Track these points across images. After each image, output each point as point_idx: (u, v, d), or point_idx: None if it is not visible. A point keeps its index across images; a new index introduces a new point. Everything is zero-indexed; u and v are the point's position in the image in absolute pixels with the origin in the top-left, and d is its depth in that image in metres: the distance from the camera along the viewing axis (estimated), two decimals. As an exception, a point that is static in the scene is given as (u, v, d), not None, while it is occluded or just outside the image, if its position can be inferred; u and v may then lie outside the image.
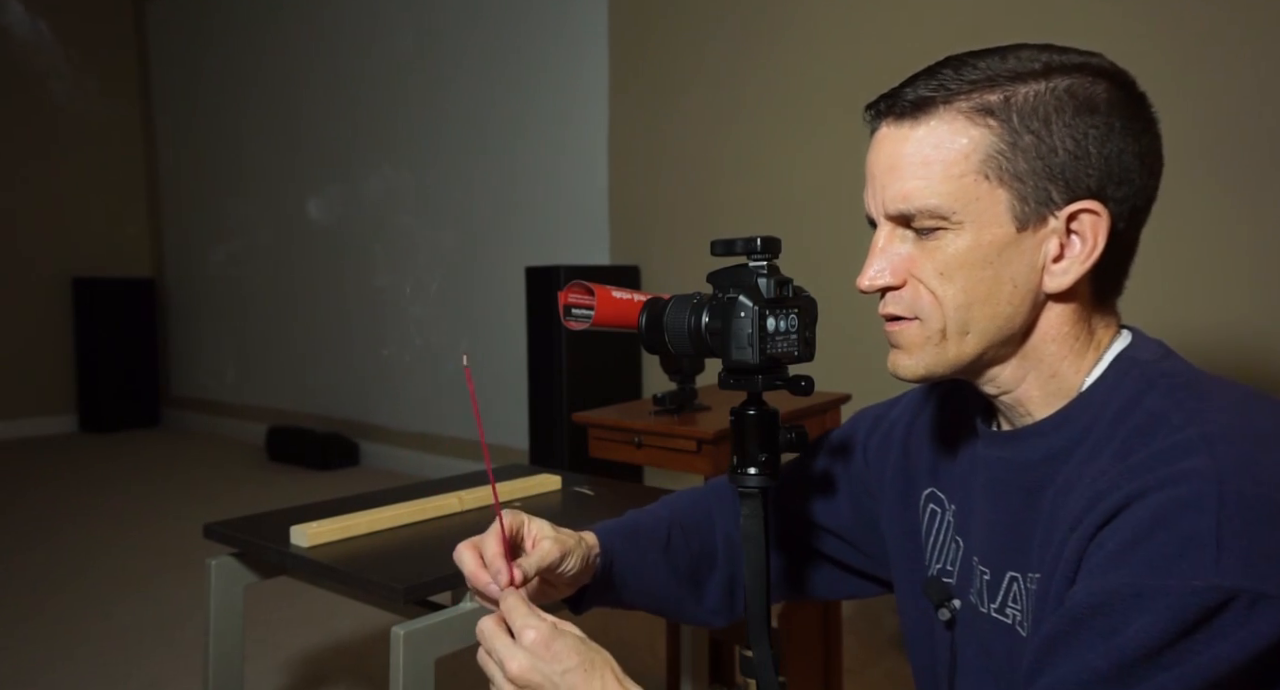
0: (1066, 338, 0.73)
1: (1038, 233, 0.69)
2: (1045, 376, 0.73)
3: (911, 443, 0.91)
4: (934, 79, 0.70)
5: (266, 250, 5.08)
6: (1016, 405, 0.75)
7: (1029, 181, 0.68)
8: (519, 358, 3.63)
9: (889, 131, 0.72)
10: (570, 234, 3.69)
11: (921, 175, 0.69)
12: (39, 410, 5.46)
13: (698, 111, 3.27)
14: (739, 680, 0.86)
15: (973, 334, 0.71)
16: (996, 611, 0.75)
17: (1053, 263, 0.69)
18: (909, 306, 0.73)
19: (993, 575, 0.76)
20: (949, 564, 0.83)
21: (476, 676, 0.74)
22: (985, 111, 0.68)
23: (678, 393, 1.60)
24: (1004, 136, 0.68)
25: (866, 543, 0.96)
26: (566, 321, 1.01)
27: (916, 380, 0.76)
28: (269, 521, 1.20)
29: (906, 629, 0.91)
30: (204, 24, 5.32)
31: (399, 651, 0.95)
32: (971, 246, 0.69)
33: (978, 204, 0.69)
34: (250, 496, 3.82)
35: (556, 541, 0.83)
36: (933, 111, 0.70)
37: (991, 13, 2.57)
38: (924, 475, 0.88)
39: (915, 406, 0.93)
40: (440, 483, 1.38)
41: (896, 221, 0.72)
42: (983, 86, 0.69)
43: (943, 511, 0.86)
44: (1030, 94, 0.68)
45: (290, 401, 4.98)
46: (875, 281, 0.73)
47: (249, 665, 2.10)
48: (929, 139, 0.70)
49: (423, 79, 4.17)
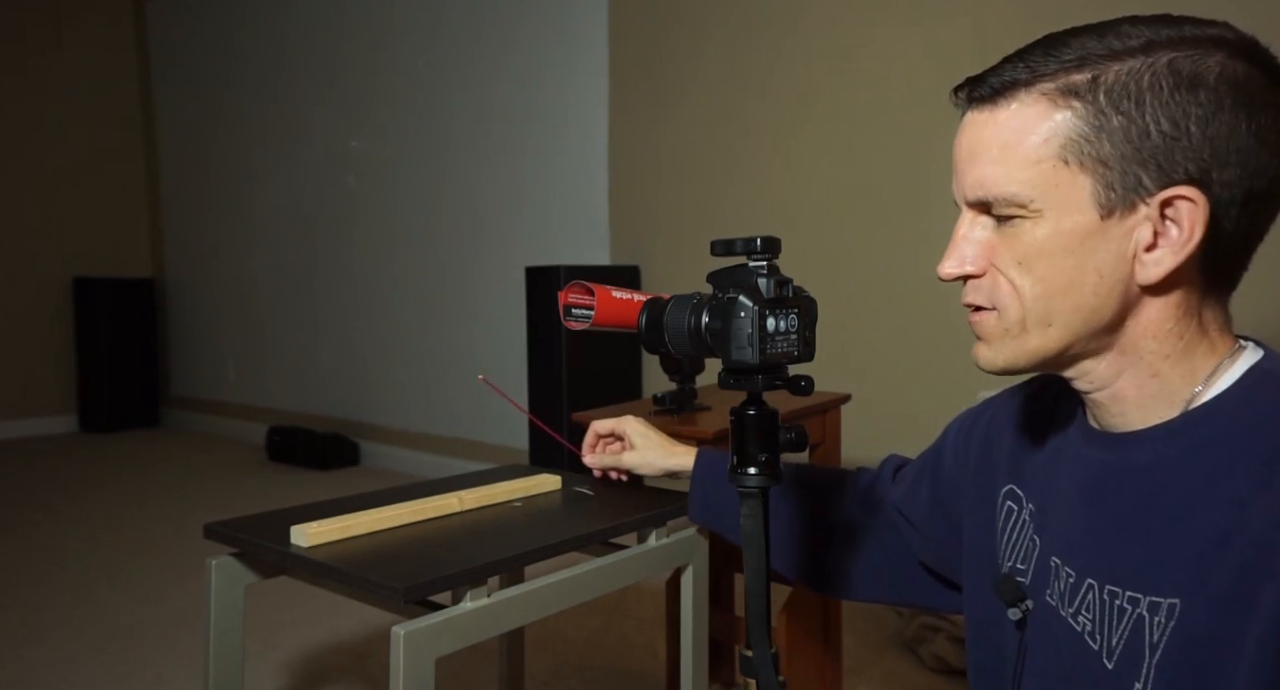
0: (1170, 335, 0.68)
1: (1126, 220, 0.65)
2: (1145, 376, 0.69)
3: (993, 439, 0.89)
4: (1021, 60, 0.67)
5: (267, 250, 5.08)
6: (1111, 403, 0.71)
7: (1116, 166, 0.64)
8: (519, 358, 3.63)
9: (973, 116, 0.70)
10: (570, 234, 3.69)
11: (999, 160, 0.67)
12: (39, 410, 5.46)
13: (698, 112, 3.27)
14: (739, 680, 0.86)
15: (1055, 326, 0.68)
16: (1072, 616, 0.72)
17: (1145, 252, 0.65)
18: (988, 296, 0.71)
19: (1076, 579, 0.72)
20: (1021, 561, 0.81)
21: (476, 676, 0.74)
22: (1070, 93, 0.65)
23: (678, 393, 1.60)
24: (1088, 119, 0.64)
25: (942, 538, 0.97)
26: (566, 321, 1.01)
27: (998, 372, 0.73)
28: (269, 521, 1.20)
29: (970, 626, 0.89)
30: (204, 24, 5.32)
31: (399, 651, 0.95)
32: (1051, 235, 0.66)
33: (1057, 191, 0.65)
34: (250, 496, 3.82)
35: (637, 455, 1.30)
36: (1014, 95, 0.67)
37: (996, 14, 2.57)
38: (1004, 472, 0.86)
39: (1001, 404, 0.90)
40: (440, 483, 1.38)
41: (977, 208, 0.71)
42: (1071, 66, 0.65)
43: (1020, 508, 0.83)
44: (1123, 72, 0.64)
45: (290, 401, 4.98)
46: (953, 270, 0.72)
47: (249, 665, 2.10)
48: (1009, 123, 0.67)
49: (424, 79, 4.17)
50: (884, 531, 1.07)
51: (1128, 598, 0.67)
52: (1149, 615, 0.65)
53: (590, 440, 1.38)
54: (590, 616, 2.46)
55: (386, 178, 4.39)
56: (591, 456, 1.37)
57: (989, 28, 2.56)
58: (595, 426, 1.37)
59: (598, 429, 1.37)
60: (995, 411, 0.91)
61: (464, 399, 4.07)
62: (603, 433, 1.37)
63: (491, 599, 1.05)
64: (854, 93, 2.85)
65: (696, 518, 1.24)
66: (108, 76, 5.69)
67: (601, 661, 2.19)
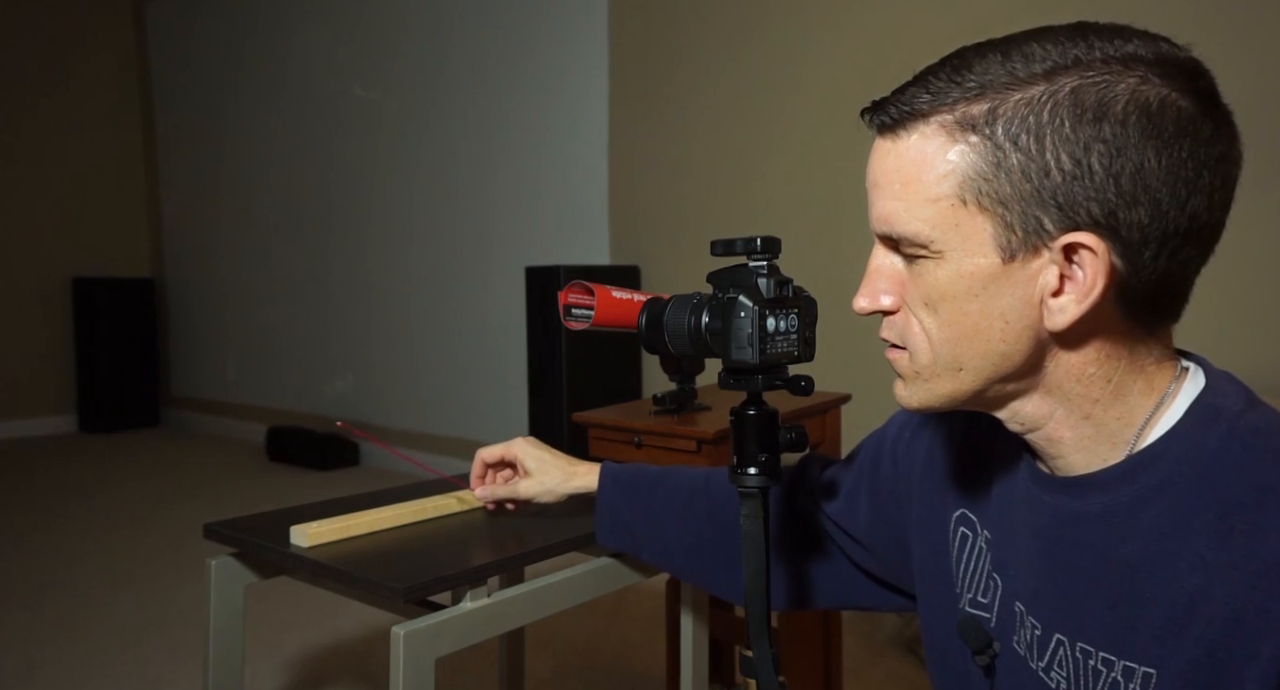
0: (1095, 379, 0.63)
1: (1030, 264, 0.60)
2: (1077, 418, 0.64)
3: (936, 455, 0.83)
4: (925, 85, 0.62)
5: (267, 250, 5.08)
6: (1048, 445, 0.67)
7: (1015, 207, 0.59)
8: (519, 358, 3.64)
9: (878, 143, 0.65)
10: (570, 234, 3.69)
11: (900, 196, 0.62)
12: (39, 410, 5.46)
13: (698, 112, 3.27)
14: (739, 680, 0.86)
15: (966, 370, 0.64)
16: (1044, 671, 0.68)
17: (1051, 297, 0.60)
18: (899, 334, 0.67)
19: (1043, 632, 0.68)
20: (981, 596, 0.76)
21: (476, 676, 0.74)
22: (967, 126, 0.59)
23: (678, 393, 1.60)
24: (985, 155, 0.59)
25: (885, 550, 0.91)
26: (566, 321, 1.01)
27: (917, 411, 0.69)
28: (269, 521, 1.20)
29: (933, 658, 0.84)
30: (204, 24, 5.32)
31: (399, 651, 0.95)
32: (953, 277, 0.62)
33: (957, 231, 0.61)
34: (250, 496, 3.82)
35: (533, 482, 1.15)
36: (914, 126, 0.62)
37: (996, 11, 2.57)
38: (953, 493, 0.81)
39: (940, 418, 0.84)
40: (440, 483, 1.38)
41: (885, 243, 0.66)
42: (972, 95, 0.59)
43: (974, 536, 0.78)
44: (1022, 102, 0.58)
45: (290, 401, 4.98)
46: (866, 306, 0.68)
47: (249, 665, 2.10)
48: (909, 156, 0.62)
49: (424, 80, 4.17)
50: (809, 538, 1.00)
51: (1102, 659, 0.63)
52: (1124, 681, 0.62)
53: (478, 470, 1.22)
54: (590, 616, 2.45)
55: (386, 178, 4.39)
56: (482, 489, 1.20)
57: (990, 25, 2.56)
58: (481, 455, 1.20)
59: (485, 458, 1.20)
60: (934, 425, 0.85)
61: (464, 399, 4.07)
62: (490, 461, 1.20)
63: (491, 599, 1.05)
64: (854, 92, 2.84)
65: (605, 542, 1.12)
66: (108, 76, 5.70)
67: (601, 662, 2.19)
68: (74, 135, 5.55)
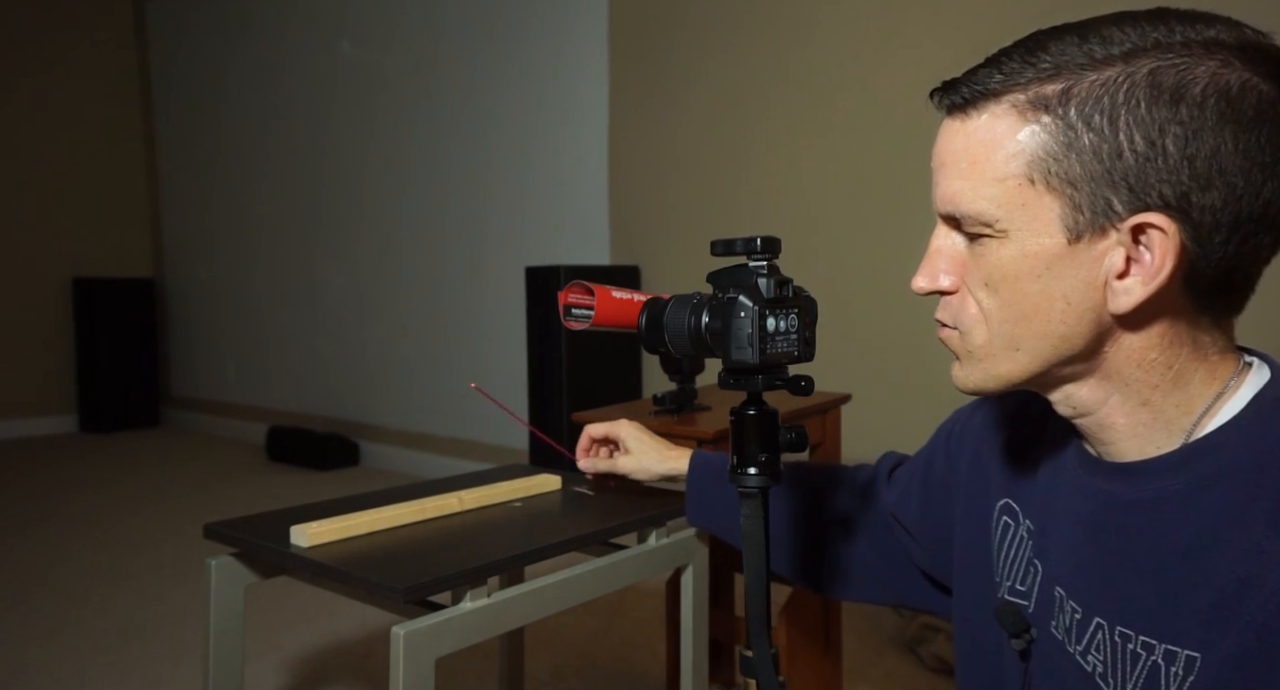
0: (1156, 365, 0.62)
1: (1095, 245, 0.60)
2: (1134, 404, 0.64)
3: (984, 446, 0.84)
4: (998, 65, 0.61)
5: (267, 250, 5.08)
6: (1099, 431, 0.67)
7: (1084, 188, 0.59)
8: (519, 358, 3.64)
9: (947, 123, 0.65)
10: (570, 234, 3.69)
11: (966, 175, 0.62)
12: (39, 410, 5.46)
13: (698, 112, 3.27)
14: (739, 680, 0.86)
15: (1024, 351, 0.64)
16: (1080, 655, 0.68)
17: (1116, 279, 0.60)
18: (953, 315, 0.68)
19: (1083, 616, 0.68)
20: (1020, 583, 0.76)
21: (476, 676, 0.74)
22: (1039, 106, 0.59)
23: (678, 393, 1.60)
24: (1057, 135, 0.59)
25: (933, 546, 0.94)
26: (566, 321, 1.01)
27: (970, 393, 0.69)
28: (269, 521, 1.20)
29: (963, 646, 0.84)
30: (204, 24, 5.32)
31: (399, 651, 0.95)
32: (1017, 257, 0.62)
33: (1024, 211, 0.61)
34: (250, 496, 3.82)
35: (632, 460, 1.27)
36: (984, 105, 0.62)
37: (998, 11, 2.57)
38: (997, 483, 0.81)
39: (991, 408, 0.85)
40: (440, 483, 1.38)
41: (949, 223, 0.66)
42: (1046, 75, 0.59)
43: (1016, 525, 0.78)
44: (1098, 83, 0.58)
45: (290, 401, 4.98)
46: (925, 286, 0.68)
47: (249, 665, 2.10)
48: (977, 136, 0.62)
49: (425, 79, 4.17)
50: (879, 531, 1.05)
51: (1141, 642, 0.63)
52: (1165, 664, 0.61)
53: (584, 444, 1.35)
54: (590, 617, 2.45)
55: (385, 177, 4.39)
56: (585, 460, 1.34)
57: (992, 24, 2.56)
58: (589, 431, 1.34)
59: (591, 433, 1.34)
60: (985, 415, 0.86)
61: (464, 399, 4.07)
62: (596, 437, 1.34)
63: (491, 599, 1.05)
64: (854, 91, 2.85)
65: (694, 521, 1.23)
66: (108, 76, 5.69)
67: (601, 662, 2.19)
68: (74, 135, 5.55)
